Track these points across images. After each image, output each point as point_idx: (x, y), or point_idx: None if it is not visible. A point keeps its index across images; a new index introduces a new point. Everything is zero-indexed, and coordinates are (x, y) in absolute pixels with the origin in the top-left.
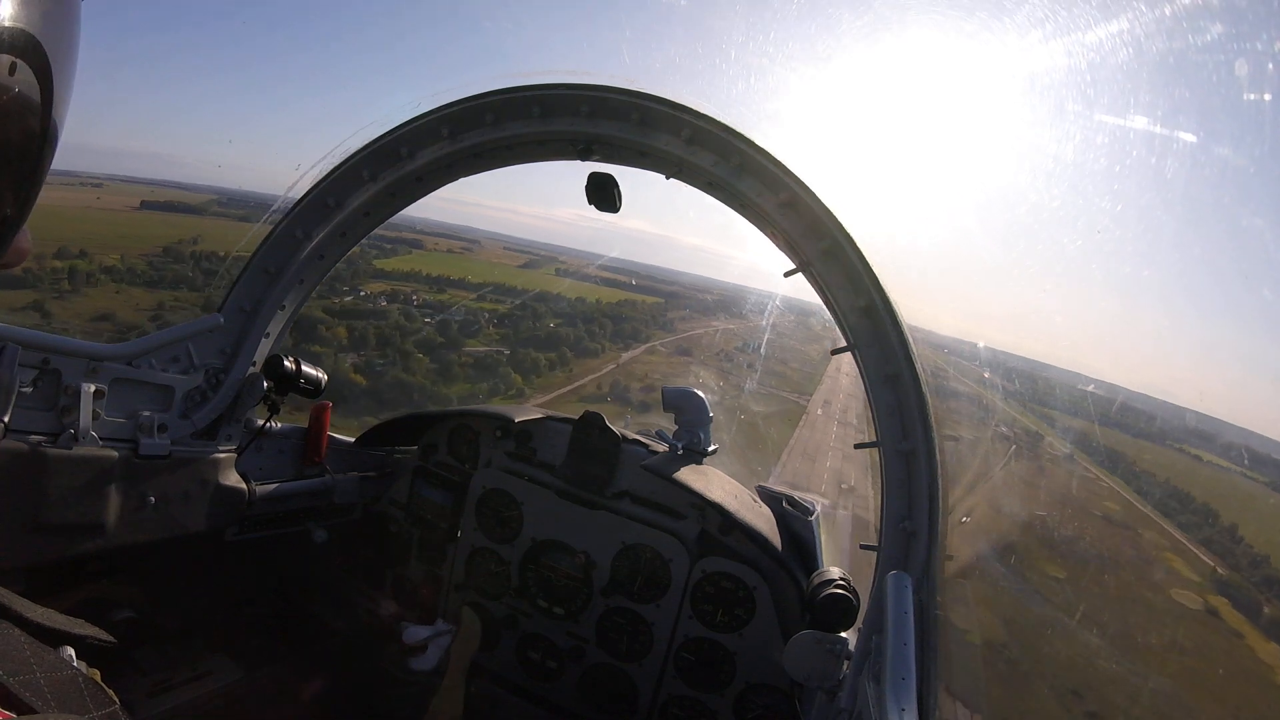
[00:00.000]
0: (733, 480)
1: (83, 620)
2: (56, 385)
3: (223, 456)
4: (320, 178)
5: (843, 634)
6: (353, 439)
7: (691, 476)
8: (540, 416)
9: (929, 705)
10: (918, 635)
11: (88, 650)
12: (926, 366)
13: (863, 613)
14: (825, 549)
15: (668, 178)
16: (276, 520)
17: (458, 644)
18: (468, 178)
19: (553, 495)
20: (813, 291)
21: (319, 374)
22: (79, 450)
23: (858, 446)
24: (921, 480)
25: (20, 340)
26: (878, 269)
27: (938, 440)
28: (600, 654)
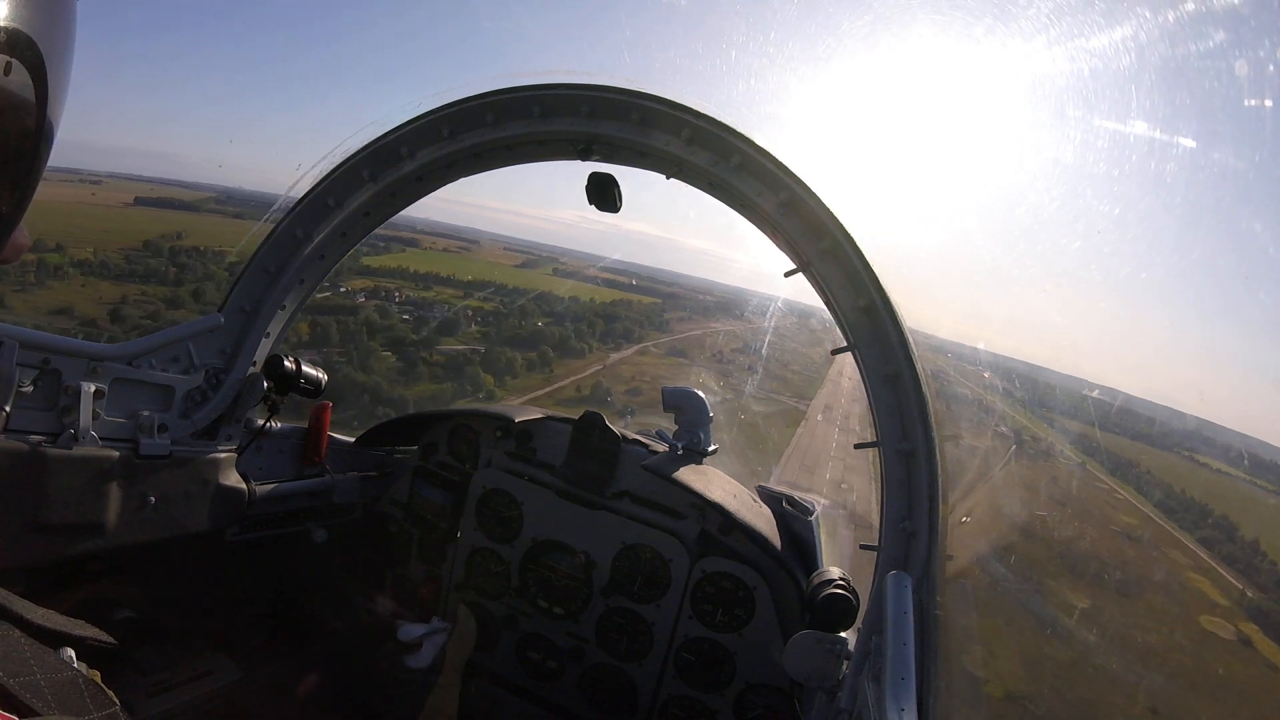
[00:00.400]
0: (733, 480)
1: (83, 621)
2: (56, 385)
3: (223, 456)
4: (320, 178)
5: (842, 634)
6: (353, 439)
7: (691, 476)
8: (540, 416)
9: (929, 705)
10: (918, 635)
11: (88, 651)
12: (927, 368)
13: (863, 613)
14: (825, 549)
15: (668, 178)
16: (276, 520)
17: (453, 642)
18: (469, 178)
19: (553, 495)
20: (814, 294)
21: (319, 374)
22: (79, 450)
23: (858, 446)
24: (921, 480)
25: (21, 340)
26: (878, 269)
27: (938, 440)
28: (600, 654)
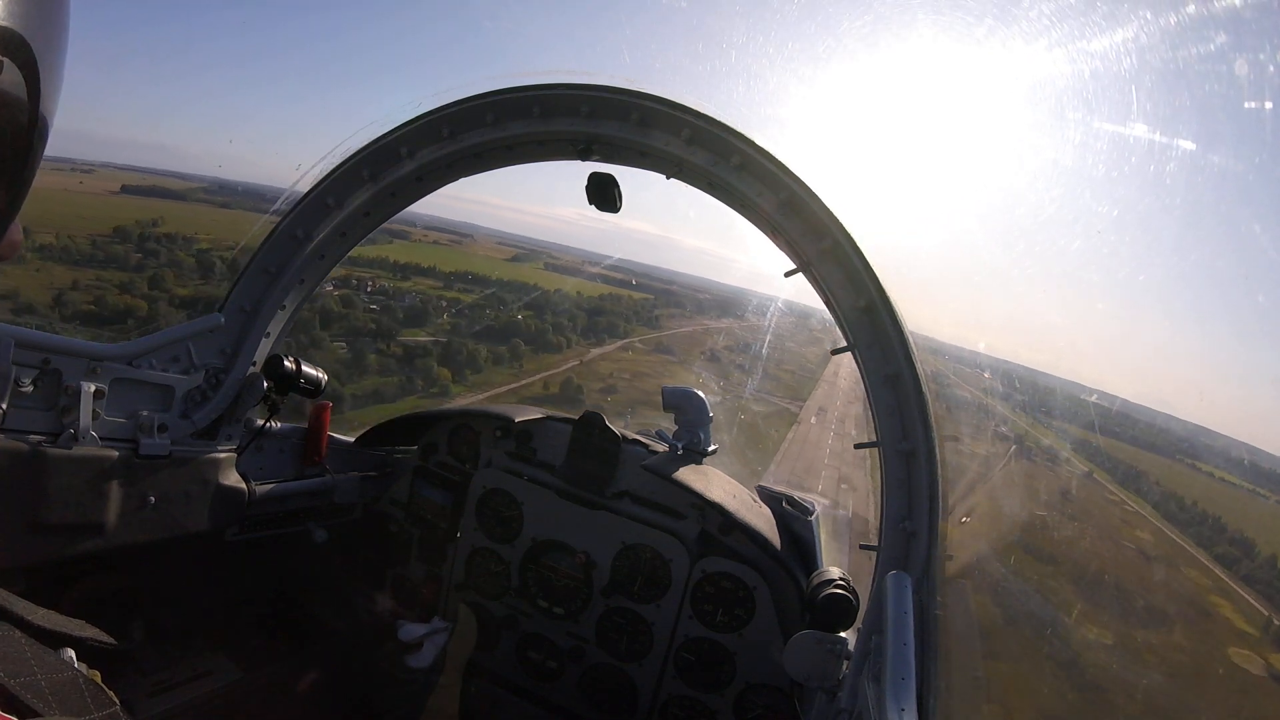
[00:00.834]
0: (733, 480)
1: (83, 621)
2: (56, 385)
3: (223, 456)
4: (321, 177)
5: (842, 634)
6: (353, 439)
7: (691, 476)
8: (541, 416)
9: (929, 705)
10: (918, 635)
11: (88, 651)
12: (926, 369)
13: (863, 613)
14: (825, 549)
15: (668, 178)
16: (276, 520)
17: (454, 642)
18: (469, 177)
19: (553, 495)
20: (813, 294)
21: (319, 374)
22: (79, 450)
23: (858, 446)
24: (921, 480)
25: (19, 339)
26: (878, 269)
27: (938, 440)
28: (600, 654)
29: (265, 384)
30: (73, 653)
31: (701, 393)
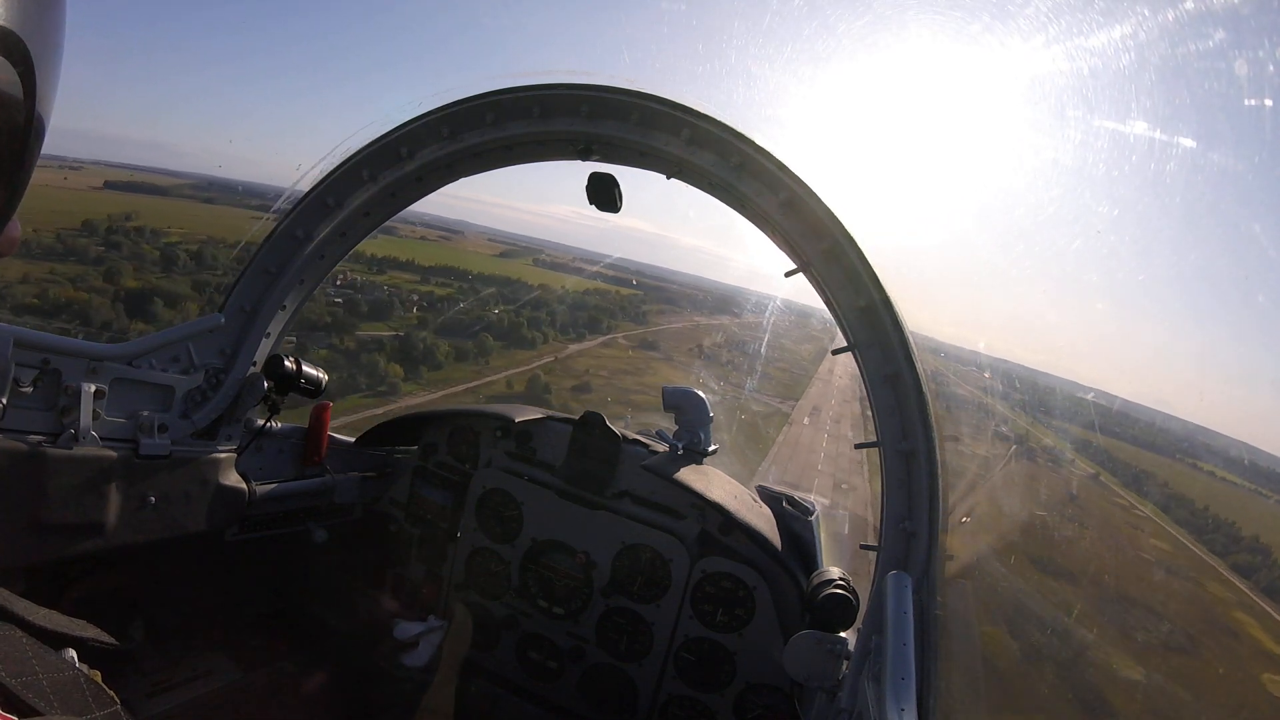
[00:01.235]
0: (733, 480)
1: (84, 622)
2: (56, 385)
3: (223, 456)
4: (321, 177)
5: (842, 634)
6: (353, 439)
7: (691, 476)
8: (541, 416)
9: (929, 705)
10: (918, 635)
11: (89, 651)
12: (926, 369)
13: (863, 613)
14: (825, 549)
15: (668, 178)
16: (277, 520)
17: (450, 640)
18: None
19: (553, 495)
20: (811, 294)
21: (319, 374)
22: (79, 450)
23: (858, 446)
24: (921, 480)
25: (19, 339)
26: (878, 270)
27: (938, 440)
28: (600, 654)
29: (265, 384)
30: (74, 653)
31: (701, 393)
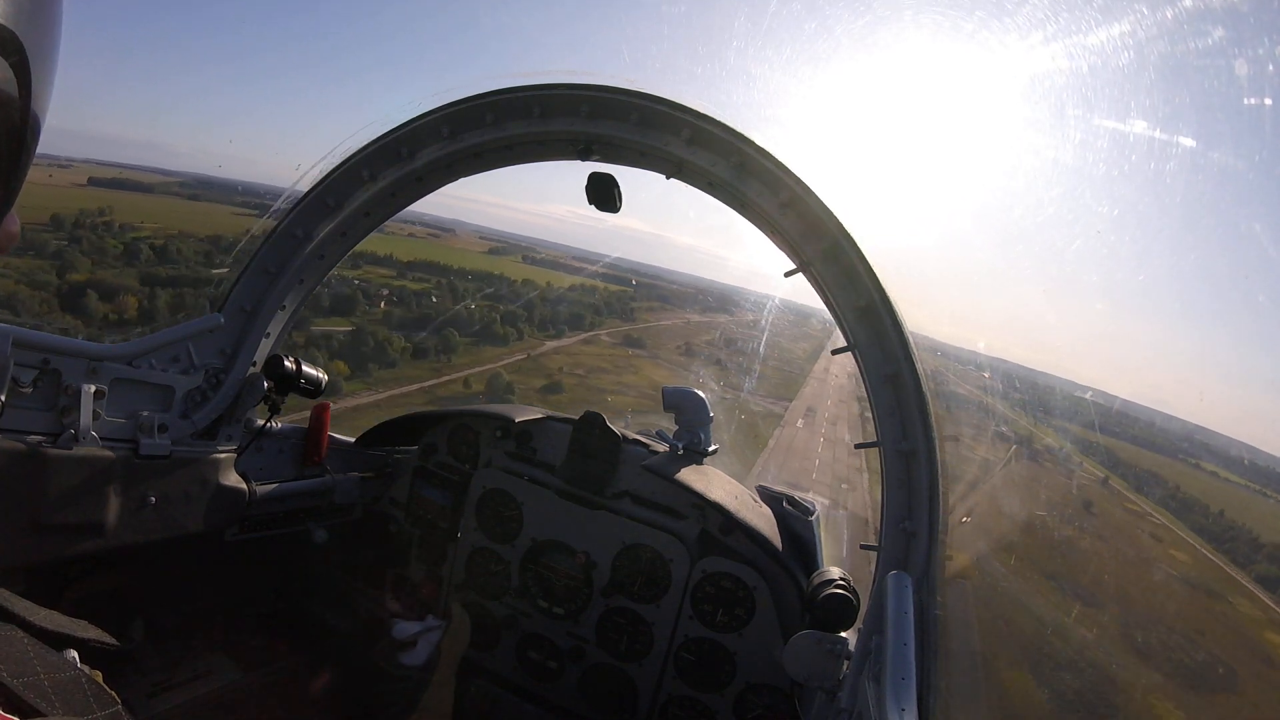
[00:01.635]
0: (733, 480)
1: (85, 622)
2: (56, 385)
3: (223, 456)
4: (321, 177)
5: (843, 634)
6: (353, 439)
7: (692, 476)
8: (540, 416)
9: (929, 705)
10: (918, 635)
11: (89, 651)
12: (926, 369)
13: (863, 613)
14: (825, 549)
15: (668, 178)
16: (276, 520)
17: (448, 639)
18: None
19: (553, 495)
20: (811, 294)
21: (319, 374)
22: (79, 450)
23: (858, 446)
24: (921, 480)
25: (20, 340)
26: (878, 269)
27: (938, 440)
28: (600, 654)
29: (265, 384)
30: (75, 653)
31: (702, 393)
